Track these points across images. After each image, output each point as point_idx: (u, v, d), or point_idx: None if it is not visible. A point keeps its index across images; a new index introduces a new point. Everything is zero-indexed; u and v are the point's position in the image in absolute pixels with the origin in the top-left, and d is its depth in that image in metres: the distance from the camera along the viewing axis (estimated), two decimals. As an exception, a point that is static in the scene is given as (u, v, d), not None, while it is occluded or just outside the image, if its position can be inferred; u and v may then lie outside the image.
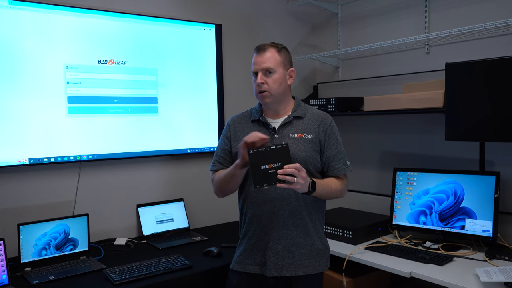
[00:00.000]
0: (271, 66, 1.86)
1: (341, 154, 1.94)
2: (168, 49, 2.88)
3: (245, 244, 1.95)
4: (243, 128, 1.97)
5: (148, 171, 2.87)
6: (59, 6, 2.48)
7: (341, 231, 2.57)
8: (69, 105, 2.53)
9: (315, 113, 1.97)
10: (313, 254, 1.90)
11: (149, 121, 2.81)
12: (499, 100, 2.14)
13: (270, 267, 1.87)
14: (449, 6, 2.72)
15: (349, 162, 1.96)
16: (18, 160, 2.38)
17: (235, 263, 1.97)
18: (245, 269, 1.92)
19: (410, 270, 2.08)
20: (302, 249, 1.89)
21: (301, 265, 1.88)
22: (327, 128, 1.93)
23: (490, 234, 2.27)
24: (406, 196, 2.60)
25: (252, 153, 1.68)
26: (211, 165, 2.05)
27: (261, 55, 1.87)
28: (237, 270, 1.95)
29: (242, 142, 1.76)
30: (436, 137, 2.71)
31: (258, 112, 1.98)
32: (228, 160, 1.99)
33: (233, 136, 1.99)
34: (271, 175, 1.66)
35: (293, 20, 3.52)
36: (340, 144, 1.95)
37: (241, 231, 2.00)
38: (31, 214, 2.41)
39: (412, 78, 2.87)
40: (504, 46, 2.46)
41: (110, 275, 2.05)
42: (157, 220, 2.80)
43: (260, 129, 1.93)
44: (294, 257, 1.87)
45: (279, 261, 1.87)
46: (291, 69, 1.93)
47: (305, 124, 1.93)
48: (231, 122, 2.04)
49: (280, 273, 1.86)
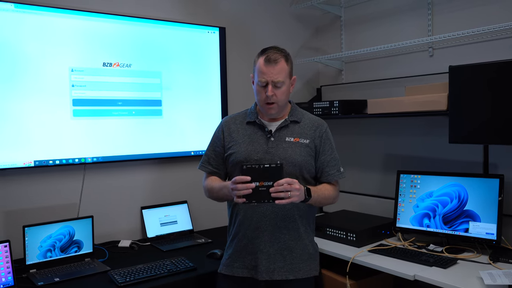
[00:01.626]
0: (281, 79, 1.84)
1: (335, 161, 1.94)
2: (172, 52, 2.89)
3: (234, 246, 1.93)
4: (239, 129, 1.97)
5: (152, 173, 2.88)
6: (64, 10, 2.50)
7: (345, 234, 2.57)
8: (74, 108, 2.54)
9: (311, 119, 1.98)
10: (304, 258, 1.90)
11: (153, 123, 2.82)
12: (503, 103, 2.14)
13: (261, 270, 1.85)
14: (453, 9, 2.72)
15: (342, 169, 1.95)
16: (23, 163, 2.40)
17: (223, 266, 1.95)
18: (233, 272, 1.91)
19: (414, 273, 2.08)
20: (294, 253, 1.88)
21: (292, 269, 1.87)
22: (322, 134, 1.93)
23: (494, 237, 2.27)
24: (409, 198, 2.60)
25: (246, 168, 1.67)
26: (200, 164, 2.04)
27: (273, 66, 1.82)
28: (225, 274, 1.93)
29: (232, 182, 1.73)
30: (439, 140, 2.71)
31: (253, 113, 1.97)
32: (218, 161, 1.99)
33: (228, 136, 1.97)
34: (262, 193, 1.66)
35: (296, 23, 3.53)
36: (334, 151, 1.95)
37: (229, 233, 1.98)
38: (36, 216, 2.43)
39: (416, 81, 2.87)
40: (508, 49, 2.46)
41: (114, 277, 2.06)
42: (161, 222, 2.81)
43: (256, 131, 1.93)
44: (285, 260, 1.86)
45: (270, 265, 1.85)
46: (294, 77, 1.94)
47: (302, 129, 1.93)
48: (224, 123, 2.03)
49: (271, 276, 1.85)
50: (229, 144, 1.96)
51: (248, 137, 1.93)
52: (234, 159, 1.90)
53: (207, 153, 2.04)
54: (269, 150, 1.88)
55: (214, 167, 2.00)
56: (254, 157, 1.86)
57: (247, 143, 1.91)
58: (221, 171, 2.00)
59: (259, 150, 1.88)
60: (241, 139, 1.94)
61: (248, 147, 1.90)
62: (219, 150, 2.00)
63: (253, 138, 1.92)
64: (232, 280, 1.92)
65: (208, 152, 2.04)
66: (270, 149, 1.88)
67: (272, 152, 1.87)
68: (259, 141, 1.91)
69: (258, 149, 1.89)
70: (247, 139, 1.92)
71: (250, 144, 1.91)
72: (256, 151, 1.88)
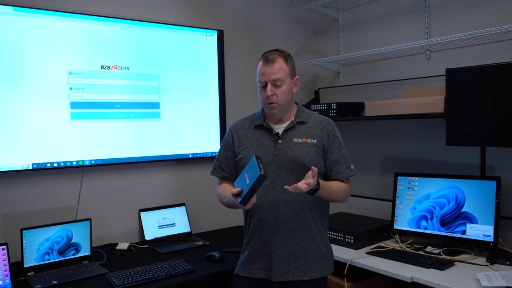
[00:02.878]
0: (280, 78, 1.85)
1: (344, 158, 1.95)
2: (170, 55, 2.90)
3: (250, 249, 1.95)
4: (247, 134, 1.98)
5: (150, 176, 2.89)
6: (63, 13, 2.50)
7: (343, 236, 2.58)
8: (72, 111, 2.55)
9: (317, 118, 1.98)
10: (317, 258, 1.91)
11: (151, 126, 2.83)
12: (500, 105, 2.15)
13: (275, 271, 1.87)
14: (450, 12, 2.73)
15: (352, 166, 1.97)
16: (21, 165, 2.40)
17: (240, 268, 1.97)
18: (250, 274, 1.93)
19: (411, 275, 2.08)
20: (307, 253, 1.89)
21: (307, 269, 1.88)
22: (330, 132, 1.94)
23: (491, 239, 2.28)
24: (407, 201, 2.61)
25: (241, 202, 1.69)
26: (212, 170, 2.06)
27: (270, 66, 1.85)
28: (242, 275, 1.95)
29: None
30: (437, 142, 2.71)
31: (261, 117, 1.98)
32: (230, 166, 2.00)
33: (237, 141, 1.99)
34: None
35: (294, 26, 3.54)
36: (343, 148, 1.96)
37: (245, 236, 2.00)
38: (34, 219, 2.42)
39: (413, 84, 2.88)
40: (505, 51, 2.47)
41: (112, 280, 2.06)
42: (159, 225, 2.81)
43: (264, 135, 1.94)
44: (299, 261, 1.88)
45: (284, 266, 1.87)
46: (296, 77, 1.94)
47: (308, 129, 1.94)
48: (233, 127, 2.05)
49: (285, 277, 1.87)
50: (239, 149, 1.98)
51: (256, 141, 1.95)
52: (244, 164, 1.91)
53: (218, 159, 2.06)
54: (277, 153, 1.89)
55: (226, 172, 2.02)
56: (263, 160, 1.87)
57: (255, 147, 1.93)
58: (233, 176, 2.02)
59: (268, 153, 1.90)
60: (249, 143, 1.96)
61: (256, 150, 1.92)
62: (230, 155, 2.01)
63: (261, 142, 1.94)
64: (249, 281, 1.94)
65: (220, 157, 2.05)
66: (278, 151, 1.89)
67: (280, 155, 1.89)
68: (267, 144, 1.92)
69: (266, 152, 1.90)
70: (256, 143, 1.94)
71: (259, 147, 1.92)
72: (265, 154, 1.90)
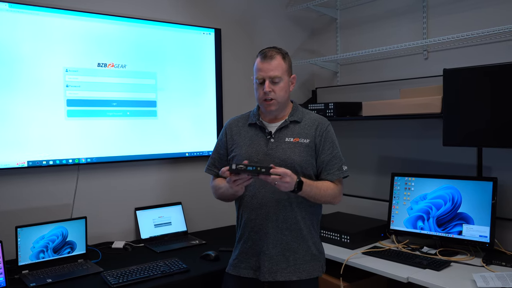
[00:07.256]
0: (278, 75, 1.85)
1: (337, 159, 1.91)
2: (167, 53, 2.89)
3: (240, 248, 1.95)
4: (240, 132, 1.98)
5: (147, 174, 2.88)
6: (59, 10, 2.49)
7: (339, 236, 2.57)
8: (68, 108, 2.53)
9: (312, 118, 1.97)
10: (307, 259, 1.90)
11: (148, 124, 2.82)
12: (497, 106, 2.15)
13: (264, 271, 1.86)
14: (448, 12, 2.73)
15: (345, 167, 1.93)
16: (16, 163, 2.38)
17: (231, 266, 1.97)
18: (240, 273, 1.92)
19: (407, 275, 2.08)
20: (297, 254, 1.88)
21: (296, 270, 1.87)
22: (323, 132, 1.92)
23: (487, 239, 2.28)
24: (403, 201, 2.61)
25: (235, 169, 1.67)
26: (206, 167, 2.06)
27: (268, 62, 1.85)
28: (232, 274, 1.95)
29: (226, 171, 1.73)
30: (433, 143, 2.72)
31: (255, 115, 1.98)
32: (223, 164, 1.99)
33: (230, 139, 2.00)
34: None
35: (292, 25, 3.53)
36: (336, 149, 1.93)
37: (237, 234, 2.00)
38: (29, 217, 2.41)
39: (410, 84, 2.88)
40: (502, 52, 2.47)
41: (107, 278, 2.05)
42: (155, 224, 2.80)
43: (257, 133, 1.94)
44: (288, 262, 1.87)
45: (273, 266, 1.86)
46: (293, 75, 1.94)
47: (302, 129, 1.92)
48: (228, 125, 2.05)
49: (274, 277, 1.86)
50: (231, 147, 1.98)
51: (249, 139, 1.94)
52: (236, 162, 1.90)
53: (212, 156, 2.06)
54: (269, 152, 1.88)
55: (219, 169, 2.01)
56: (254, 159, 1.87)
57: (247, 145, 1.93)
58: None
59: (259, 152, 1.89)
60: (242, 141, 1.95)
61: (248, 149, 1.91)
62: (223, 152, 2.02)
63: (253, 140, 1.93)
64: (238, 280, 1.94)
65: (213, 155, 2.06)
66: (270, 150, 1.88)
67: (271, 154, 1.88)
68: (259, 142, 1.92)
69: (258, 150, 1.90)
70: (248, 141, 1.94)
71: (251, 146, 1.92)
72: (257, 153, 1.89)
